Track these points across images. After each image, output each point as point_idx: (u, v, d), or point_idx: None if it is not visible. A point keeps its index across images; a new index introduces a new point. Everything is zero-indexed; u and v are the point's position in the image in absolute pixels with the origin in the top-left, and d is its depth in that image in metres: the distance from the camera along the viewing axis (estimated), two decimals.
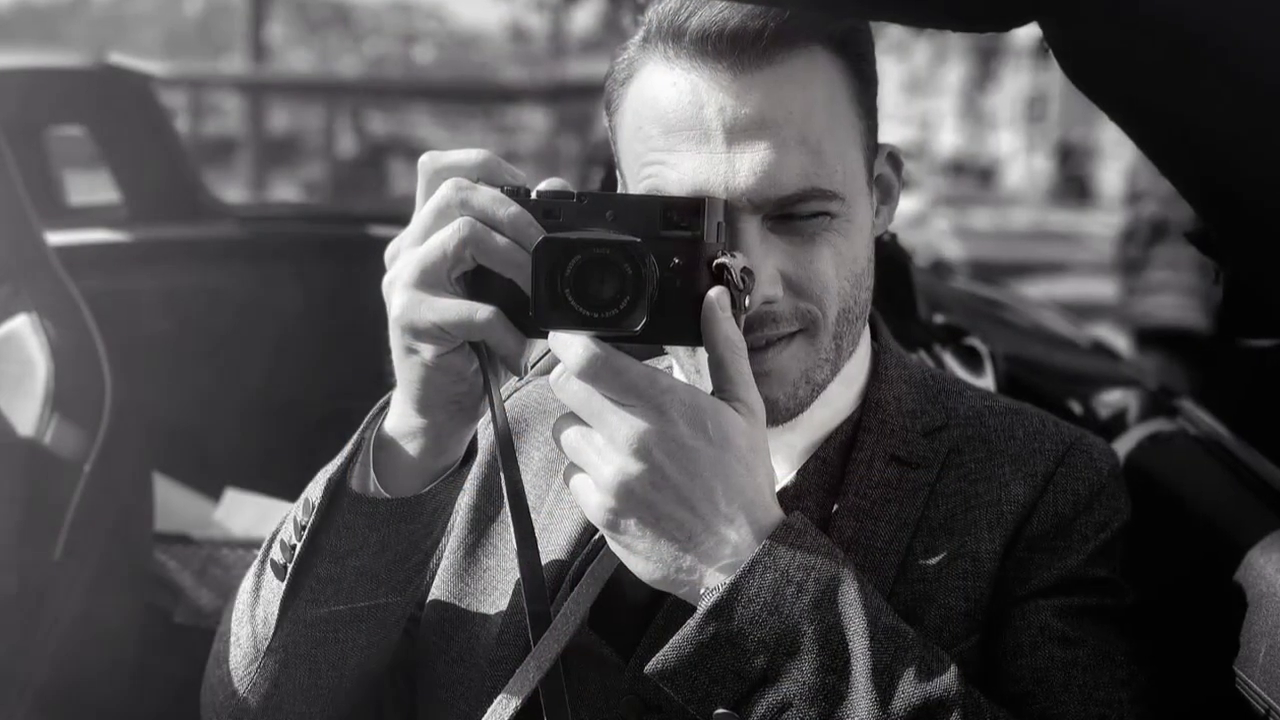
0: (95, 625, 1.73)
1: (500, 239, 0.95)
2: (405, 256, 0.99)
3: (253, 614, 1.14)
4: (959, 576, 1.12)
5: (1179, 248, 4.14)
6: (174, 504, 2.29)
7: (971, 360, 1.82)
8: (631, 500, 0.94)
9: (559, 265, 0.92)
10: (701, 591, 0.95)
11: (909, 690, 0.94)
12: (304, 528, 1.08)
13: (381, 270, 1.00)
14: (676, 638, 0.95)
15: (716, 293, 0.96)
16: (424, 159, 1.01)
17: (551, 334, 0.95)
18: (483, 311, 0.97)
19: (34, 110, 2.66)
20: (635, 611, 1.12)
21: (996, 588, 1.13)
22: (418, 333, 0.98)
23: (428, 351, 0.99)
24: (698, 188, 1.05)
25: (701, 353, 1.00)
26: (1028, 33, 0.97)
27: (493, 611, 1.18)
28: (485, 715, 1.07)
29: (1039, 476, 1.16)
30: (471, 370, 1.02)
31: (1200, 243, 1.18)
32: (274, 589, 1.11)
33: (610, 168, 1.25)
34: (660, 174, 1.07)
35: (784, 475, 1.17)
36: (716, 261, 0.97)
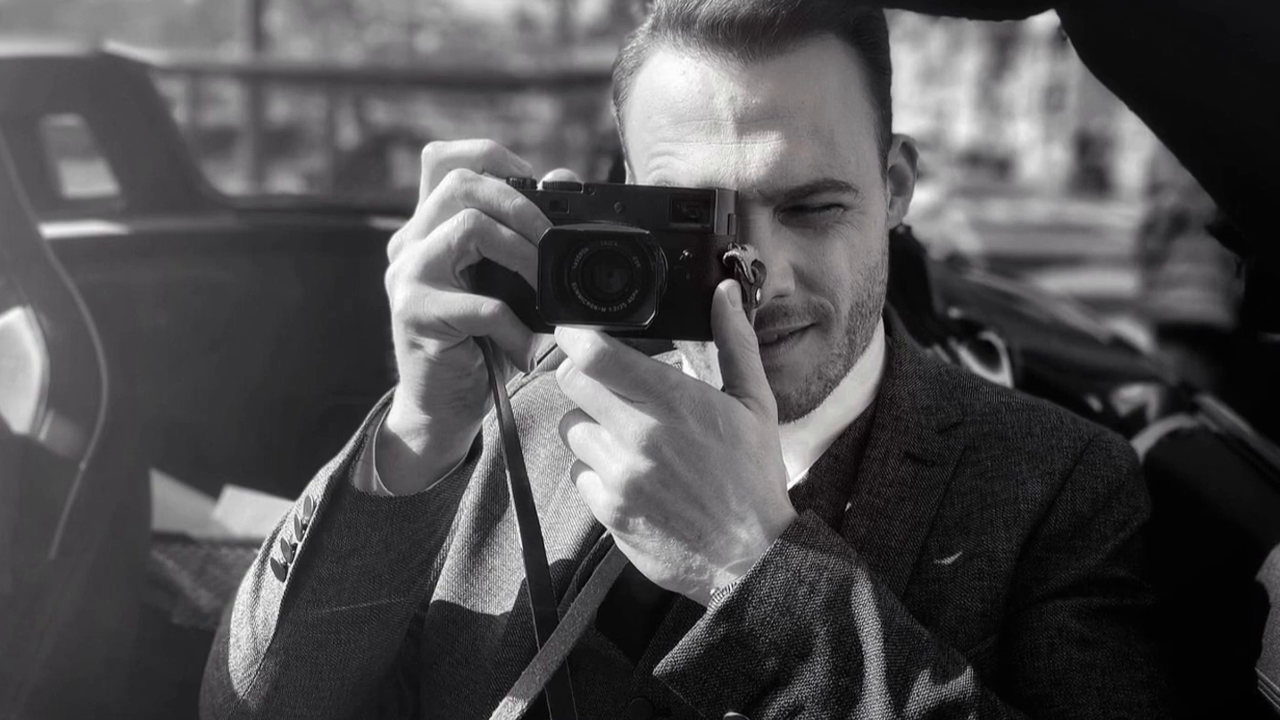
0: (92, 626, 1.72)
1: (506, 231, 0.94)
2: (409, 249, 0.97)
3: (253, 615, 1.13)
4: (975, 576, 1.11)
5: (1200, 240, 4.12)
6: (172, 502, 2.28)
7: (988, 355, 1.80)
8: (640, 498, 0.92)
9: (566, 258, 0.90)
10: (712, 592, 0.94)
11: (924, 693, 0.93)
12: (305, 526, 1.07)
13: (384, 263, 0.99)
14: (686, 639, 0.93)
15: (727, 286, 0.95)
16: (428, 150, 0.99)
17: (558, 328, 0.94)
18: (488, 305, 0.95)
19: (29, 100, 2.65)
20: (644, 612, 1.11)
21: (1013, 588, 1.12)
22: (421, 327, 0.97)
23: (431, 346, 0.98)
24: (708, 179, 1.03)
25: (711, 348, 0.98)
26: (1045, 20, 0.96)
27: (498, 612, 1.17)
28: (491, 718, 1.06)
29: (1057, 474, 1.15)
30: (476, 365, 1.00)
31: (1222, 235, 1.17)
32: (274, 589, 1.10)
33: (618, 158, 1.23)
34: (669, 165, 1.05)
35: (796, 473, 1.16)
36: (727, 254, 0.96)
